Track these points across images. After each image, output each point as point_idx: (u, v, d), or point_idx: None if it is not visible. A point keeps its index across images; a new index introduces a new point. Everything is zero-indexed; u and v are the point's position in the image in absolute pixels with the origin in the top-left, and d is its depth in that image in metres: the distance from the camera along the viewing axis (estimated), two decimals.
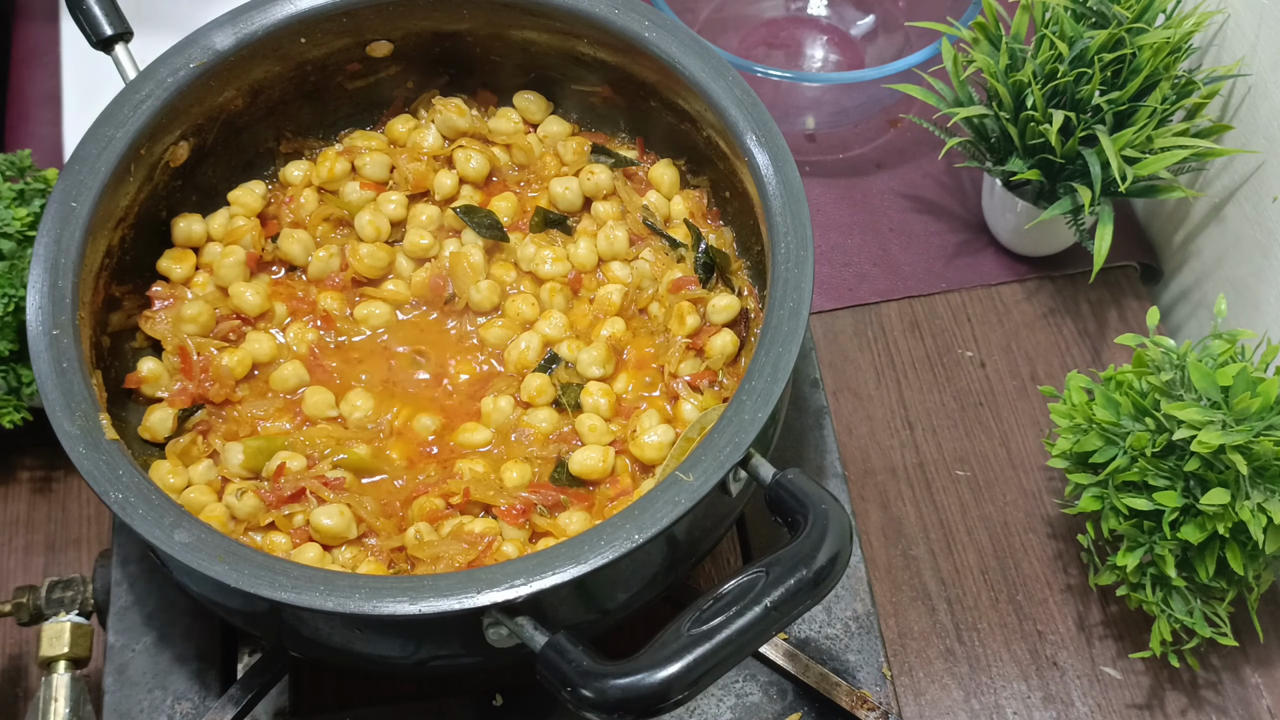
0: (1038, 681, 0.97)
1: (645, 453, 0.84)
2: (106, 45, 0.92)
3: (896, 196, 1.19)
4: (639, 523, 0.71)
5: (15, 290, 0.95)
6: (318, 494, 0.82)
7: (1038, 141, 1.01)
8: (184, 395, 0.87)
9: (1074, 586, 1.00)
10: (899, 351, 1.12)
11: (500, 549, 0.80)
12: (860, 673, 0.89)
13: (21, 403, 0.99)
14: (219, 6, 0.93)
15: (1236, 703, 0.96)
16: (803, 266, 0.79)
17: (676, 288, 0.91)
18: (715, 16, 1.28)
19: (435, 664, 0.79)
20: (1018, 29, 1.04)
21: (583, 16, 0.91)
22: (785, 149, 0.84)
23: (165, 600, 0.90)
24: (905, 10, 1.26)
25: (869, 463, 1.06)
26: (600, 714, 0.65)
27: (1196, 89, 1.01)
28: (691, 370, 0.88)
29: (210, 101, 0.91)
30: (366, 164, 0.96)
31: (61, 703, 0.87)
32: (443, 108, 0.98)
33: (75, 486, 1.06)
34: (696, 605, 0.67)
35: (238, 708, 0.85)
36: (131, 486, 0.73)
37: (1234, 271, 1.06)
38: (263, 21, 0.90)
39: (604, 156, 0.97)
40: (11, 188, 0.99)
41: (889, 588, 1.00)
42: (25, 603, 0.90)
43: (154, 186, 0.90)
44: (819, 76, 1.17)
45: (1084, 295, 1.14)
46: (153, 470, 0.84)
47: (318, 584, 0.70)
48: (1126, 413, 0.88)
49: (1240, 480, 0.83)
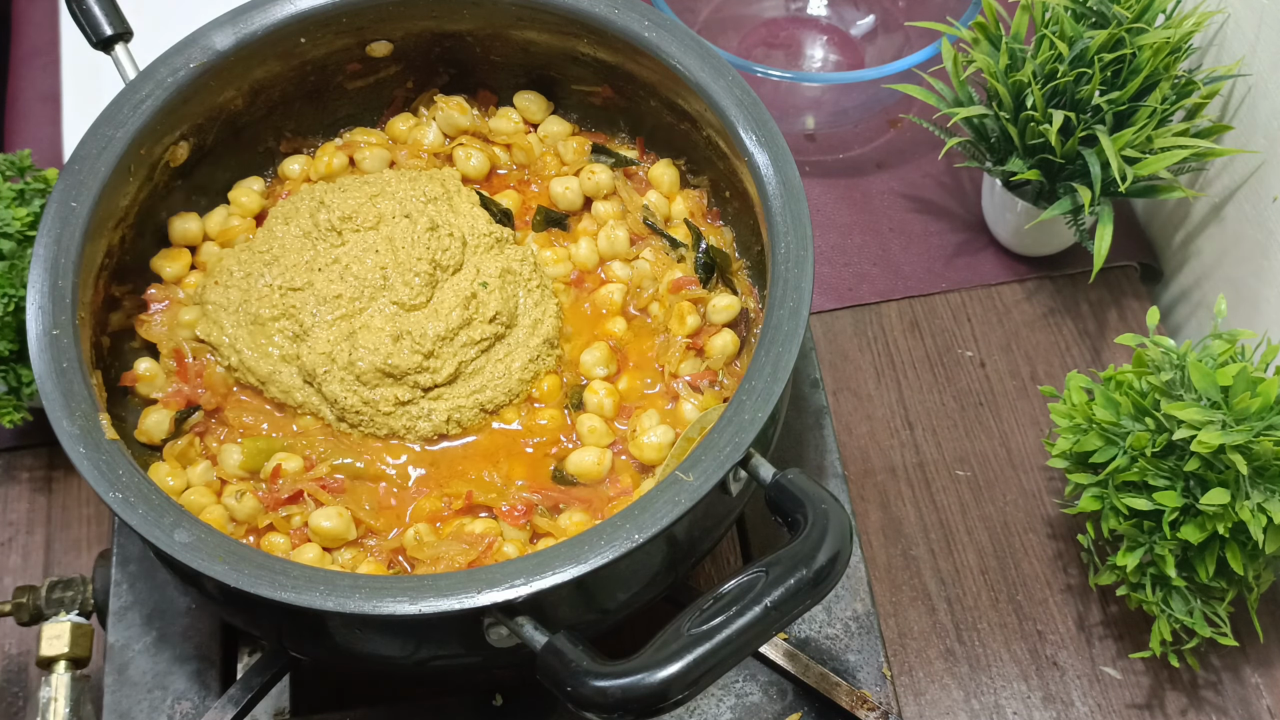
0: (1038, 681, 0.97)
1: (645, 453, 0.84)
2: (106, 45, 0.92)
3: (896, 196, 1.19)
4: (639, 523, 0.71)
5: (15, 290, 0.95)
6: (316, 496, 0.82)
7: (1038, 141, 1.01)
8: (179, 397, 0.87)
9: (1074, 586, 1.00)
10: (899, 351, 1.12)
11: (500, 549, 0.80)
12: (860, 673, 0.89)
13: (21, 403, 0.99)
14: (219, 6, 0.93)
15: (1236, 703, 0.96)
16: (803, 266, 0.79)
17: (676, 288, 0.91)
18: (715, 16, 1.28)
19: (435, 664, 0.79)
20: (1018, 29, 1.04)
21: (583, 16, 0.91)
22: (785, 149, 0.84)
23: (165, 600, 0.90)
24: (905, 10, 1.26)
25: (869, 463, 1.06)
26: (600, 714, 0.65)
27: (1196, 89, 1.01)
28: (692, 370, 0.88)
29: (210, 101, 0.91)
30: (366, 158, 0.96)
31: (61, 703, 0.87)
32: (444, 105, 0.98)
33: (75, 486, 1.06)
34: (696, 605, 0.67)
35: (238, 708, 0.85)
36: (131, 486, 0.73)
37: (1234, 271, 1.06)
38: (263, 21, 0.90)
39: (604, 156, 0.97)
40: (11, 188, 0.99)
41: (889, 588, 1.00)
42: (25, 603, 0.90)
43: (154, 186, 0.90)
44: (819, 76, 1.17)
45: (1084, 295, 1.14)
46: (151, 472, 0.84)
47: (318, 584, 0.70)
48: (1126, 413, 0.88)
49: (1240, 480, 0.83)
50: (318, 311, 0.87)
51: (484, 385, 0.86)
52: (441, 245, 0.88)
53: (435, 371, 0.85)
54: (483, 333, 0.87)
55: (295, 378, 0.87)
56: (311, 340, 0.86)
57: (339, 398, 0.85)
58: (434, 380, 0.85)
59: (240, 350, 0.87)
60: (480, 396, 0.86)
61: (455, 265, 0.89)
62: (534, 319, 0.89)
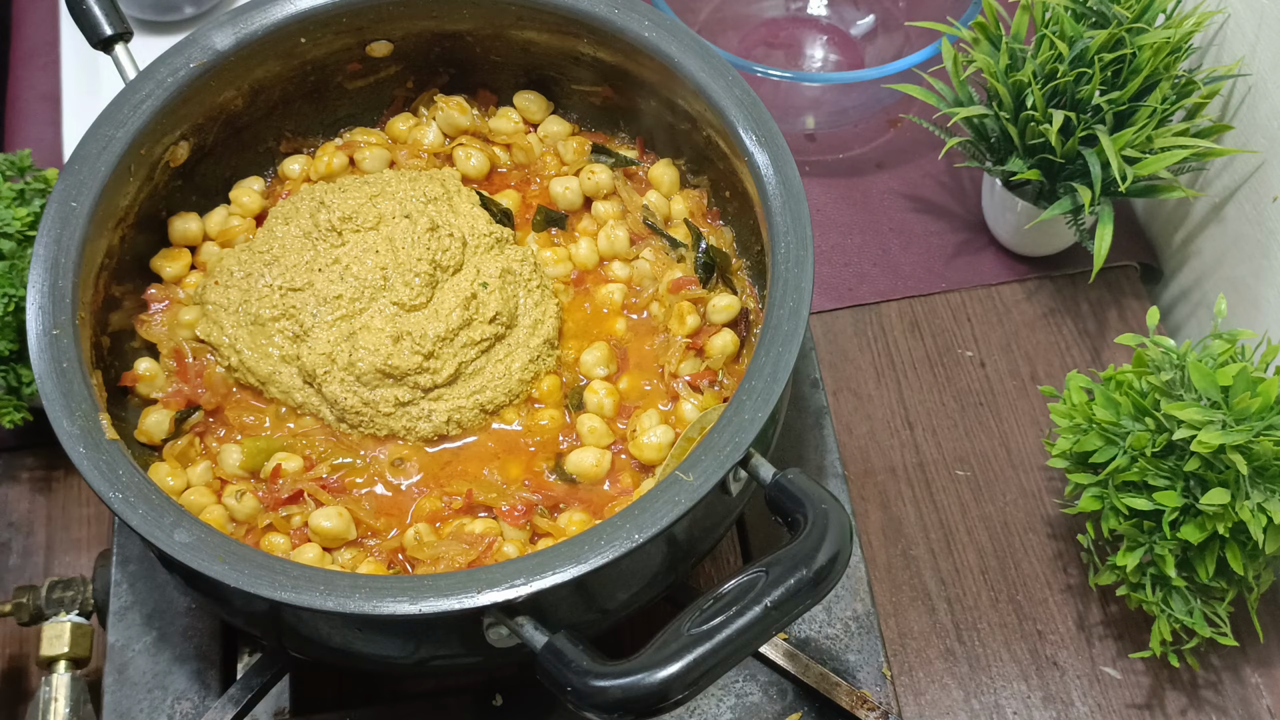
0: (1038, 681, 0.97)
1: (645, 453, 0.84)
2: (106, 45, 0.92)
3: (896, 196, 1.19)
4: (639, 523, 0.71)
5: (15, 290, 0.95)
6: (316, 496, 0.82)
7: (1038, 141, 1.01)
8: (179, 397, 0.87)
9: (1074, 586, 1.00)
10: (899, 351, 1.12)
11: (500, 549, 0.80)
12: (860, 673, 0.89)
13: (21, 403, 0.99)
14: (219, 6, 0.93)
15: (1236, 703, 0.96)
16: (803, 266, 0.79)
17: (676, 288, 0.91)
18: (715, 16, 1.28)
19: (435, 664, 0.79)
20: (1018, 29, 1.04)
21: (583, 16, 0.91)
22: (785, 149, 0.84)
23: (165, 600, 0.90)
24: (905, 10, 1.26)
25: (869, 463, 1.06)
26: (600, 714, 0.65)
27: (1196, 89, 1.01)
28: (692, 370, 0.88)
29: (210, 101, 0.91)
30: (366, 158, 0.96)
31: (61, 703, 0.87)
32: (445, 105, 0.98)
33: (75, 486, 1.06)
34: (696, 605, 0.67)
35: (238, 708, 0.85)
36: (131, 486, 0.73)
37: (1234, 271, 1.06)
38: (263, 21, 0.90)
39: (604, 156, 0.97)
40: (11, 188, 0.99)
41: (889, 588, 1.00)
42: (25, 603, 0.90)
43: (154, 186, 0.90)
44: (819, 76, 1.17)
45: (1084, 295, 1.14)
46: (151, 472, 0.84)
47: (318, 584, 0.70)
48: (1126, 413, 0.88)
49: (1240, 480, 0.83)
50: (318, 312, 0.87)
51: (484, 386, 0.86)
52: (442, 246, 0.88)
53: (435, 372, 0.85)
54: (483, 333, 0.87)
55: (295, 378, 0.87)
56: (311, 341, 0.86)
57: (339, 398, 0.85)
58: (434, 381, 0.85)
59: (240, 350, 0.87)
60: (480, 397, 0.86)
61: (455, 266, 0.89)
62: (534, 319, 0.89)
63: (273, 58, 0.93)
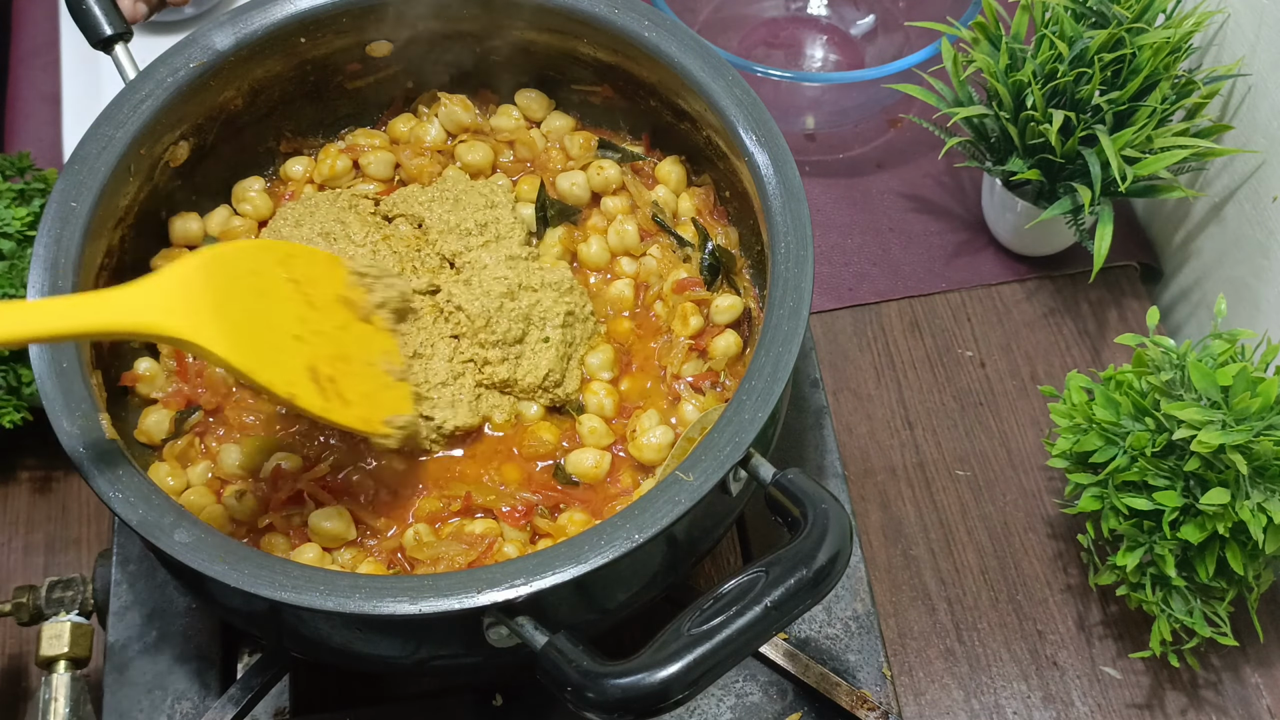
0: (1038, 681, 0.97)
1: (645, 453, 0.84)
2: (106, 45, 0.92)
3: (896, 196, 1.19)
4: (639, 523, 0.71)
5: (15, 290, 0.95)
6: (316, 496, 0.82)
7: (1038, 141, 1.01)
8: (179, 397, 0.87)
9: (1074, 586, 1.00)
10: (899, 351, 1.12)
11: (501, 550, 0.80)
12: (860, 673, 0.89)
13: (22, 403, 0.99)
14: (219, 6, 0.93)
15: (1236, 703, 0.96)
16: (803, 266, 0.79)
17: (681, 289, 0.91)
18: (715, 16, 1.28)
19: (435, 664, 0.79)
20: (1018, 29, 1.04)
21: (583, 16, 0.91)
22: (785, 149, 0.84)
23: (165, 600, 0.90)
24: (905, 10, 1.26)
25: (869, 463, 1.06)
26: (600, 714, 0.65)
27: (1196, 89, 1.01)
28: (694, 371, 0.88)
29: (210, 101, 0.91)
30: (370, 162, 0.96)
31: (61, 703, 0.87)
32: (448, 102, 0.98)
33: (75, 486, 1.06)
34: (696, 605, 0.67)
35: (238, 708, 0.85)
36: (131, 486, 0.73)
37: (1234, 271, 1.06)
38: (263, 21, 0.90)
39: (611, 151, 0.96)
40: (11, 188, 0.99)
41: (889, 588, 1.00)
42: (25, 603, 0.90)
43: (154, 186, 0.90)
44: (819, 76, 1.17)
45: (1084, 295, 1.14)
46: (151, 472, 0.84)
47: (318, 584, 0.70)
48: (1126, 413, 0.88)
49: (1240, 480, 0.83)
50: None
51: (494, 407, 0.87)
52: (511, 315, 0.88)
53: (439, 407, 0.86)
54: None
55: None
56: None
57: None
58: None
59: None
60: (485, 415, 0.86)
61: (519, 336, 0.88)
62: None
63: (273, 58, 0.92)
